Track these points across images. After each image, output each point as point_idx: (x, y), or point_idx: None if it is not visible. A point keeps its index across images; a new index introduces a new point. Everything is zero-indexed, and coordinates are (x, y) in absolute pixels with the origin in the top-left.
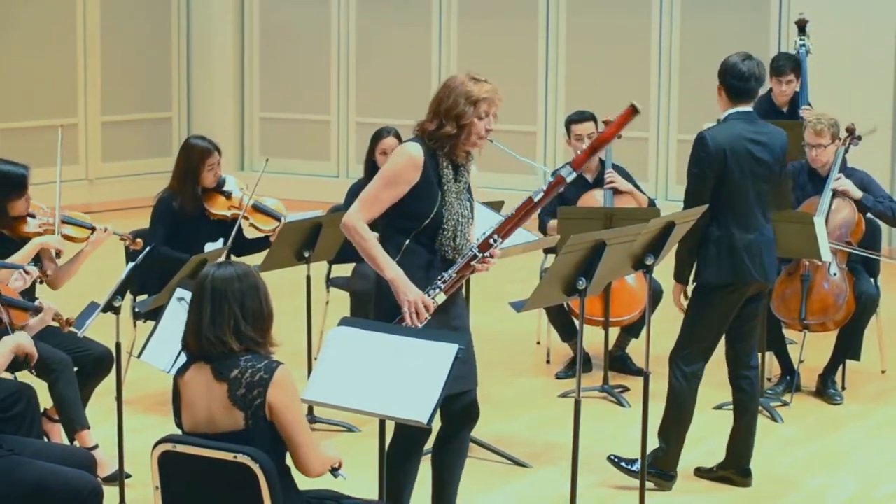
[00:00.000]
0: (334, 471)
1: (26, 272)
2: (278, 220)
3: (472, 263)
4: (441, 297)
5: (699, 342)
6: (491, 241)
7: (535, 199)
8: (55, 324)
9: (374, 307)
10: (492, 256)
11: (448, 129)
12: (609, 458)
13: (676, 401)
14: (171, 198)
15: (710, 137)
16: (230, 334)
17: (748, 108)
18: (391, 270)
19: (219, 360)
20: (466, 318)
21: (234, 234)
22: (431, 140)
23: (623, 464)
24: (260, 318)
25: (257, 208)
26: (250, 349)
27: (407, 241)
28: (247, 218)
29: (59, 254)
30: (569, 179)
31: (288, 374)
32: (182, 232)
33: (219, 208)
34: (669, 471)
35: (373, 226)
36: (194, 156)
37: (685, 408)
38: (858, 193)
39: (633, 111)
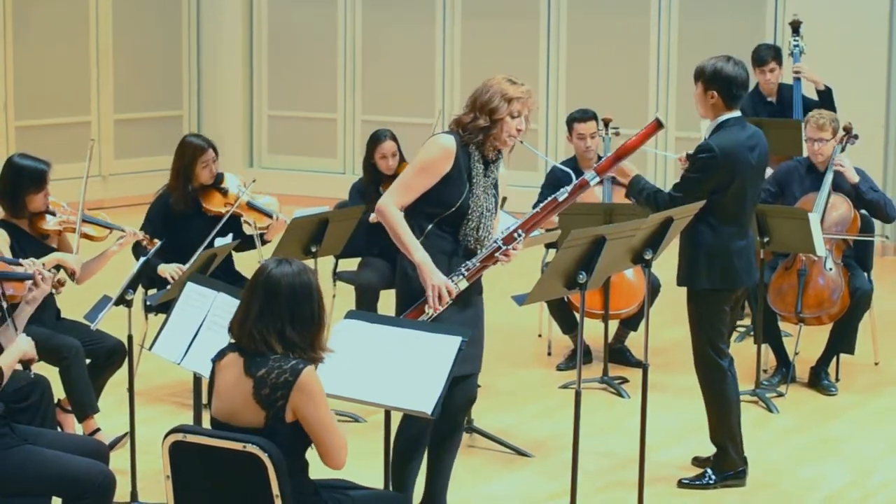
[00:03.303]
0: None
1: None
2: (270, 217)
3: (496, 255)
4: (464, 284)
5: (716, 338)
6: (515, 235)
7: (560, 199)
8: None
9: (398, 289)
10: (514, 249)
11: (481, 122)
12: (680, 484)
13: (720, 402)
14: (167, 195)
15: (718, 148)
16: (274, 336)
17: (738, 112)
18: (419, 254)
19: (253, 355)
20: (481, 303)
21: (220, 225)
22: (465, 132)
23: (697, 482)
24: (309, 323)
25: (251, 206)
26: (291, 352)
27: (430, 226)
28: (240, 215)
29: (72, 274)
30: (592, 183)
31: (312, 377)
32: (178, 228)
33: (215, 205)
34: (738, 468)
35: None
36: (188, 153)
37: (731, 403)
38: (856, 177)
39: (657, 125)
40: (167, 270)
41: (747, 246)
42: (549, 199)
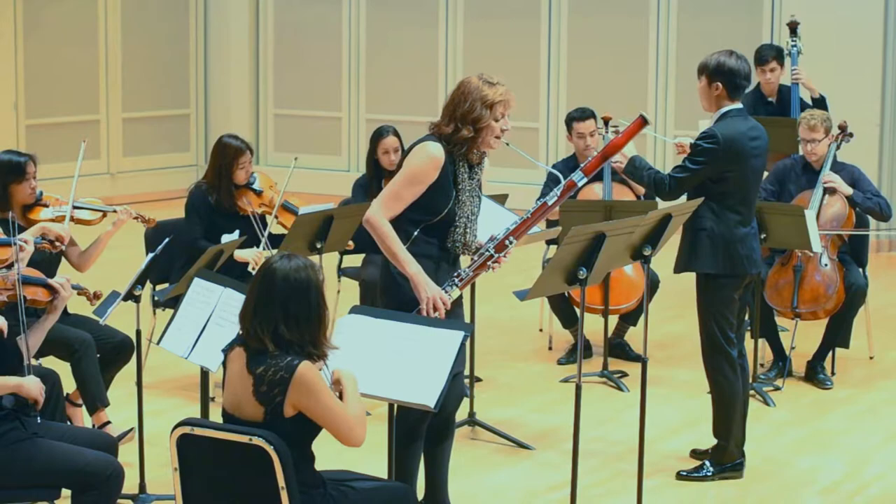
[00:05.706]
0: None
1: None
2: (297, 215)
3: (489, 263)
4: (456, 293)
5: (725, 325)
6: (507, 242)
7: (549, 203)
8: (82, 297)
9: (385, 298)
10: (506, 256)
11: (465, 133)
12: (679, 476)
13: (727, 395)
14: (206, 191)
15: (721, 136)
16: (268, 335)
17: (740, 104)
18: (412, 267)
19: (254, 351)
20: (461, 303)
21: (267, 231)
22: (448, 143)
23: (695, 474)
24: (305, 320)
25: (285, 208)
26: (285, 350)
27: (416, 232)
28: (276, 217)
29: (58, 239)
30: (580, 185)
31: (307, 372)
32: (214, 225)
33: (249, 205)
34: (735, 460)
35: None
36: (228, 154)
37: (737, 398)
38: (849, 190)
39: (643, 122)
40: (247, 255)
41: (751, 234)
42: (539, 202)
